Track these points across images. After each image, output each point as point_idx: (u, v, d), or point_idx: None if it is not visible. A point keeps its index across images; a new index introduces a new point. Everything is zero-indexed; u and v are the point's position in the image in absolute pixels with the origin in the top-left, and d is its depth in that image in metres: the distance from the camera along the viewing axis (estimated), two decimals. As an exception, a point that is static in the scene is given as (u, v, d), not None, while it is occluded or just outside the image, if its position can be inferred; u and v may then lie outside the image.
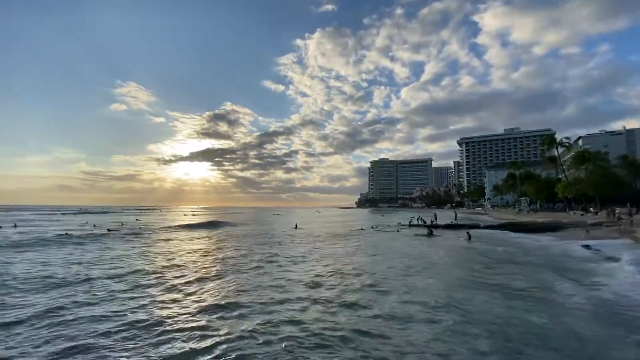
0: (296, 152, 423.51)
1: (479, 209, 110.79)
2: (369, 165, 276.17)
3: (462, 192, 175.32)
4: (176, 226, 40.36)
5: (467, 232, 25.63)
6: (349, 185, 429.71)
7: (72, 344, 6.45)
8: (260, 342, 6.42)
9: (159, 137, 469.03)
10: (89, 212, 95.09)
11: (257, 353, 5.97)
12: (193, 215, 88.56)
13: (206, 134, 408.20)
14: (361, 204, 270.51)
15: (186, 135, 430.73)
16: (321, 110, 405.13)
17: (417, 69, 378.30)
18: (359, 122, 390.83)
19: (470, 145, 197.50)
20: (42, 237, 26.44)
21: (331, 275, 12.80)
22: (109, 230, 34.26)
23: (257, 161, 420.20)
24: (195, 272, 13.59)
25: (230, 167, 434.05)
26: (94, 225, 41.34)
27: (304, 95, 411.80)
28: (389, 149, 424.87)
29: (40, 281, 11.79)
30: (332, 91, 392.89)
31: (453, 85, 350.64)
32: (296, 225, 41.39)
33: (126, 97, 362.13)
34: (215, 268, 14.43)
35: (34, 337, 6.83)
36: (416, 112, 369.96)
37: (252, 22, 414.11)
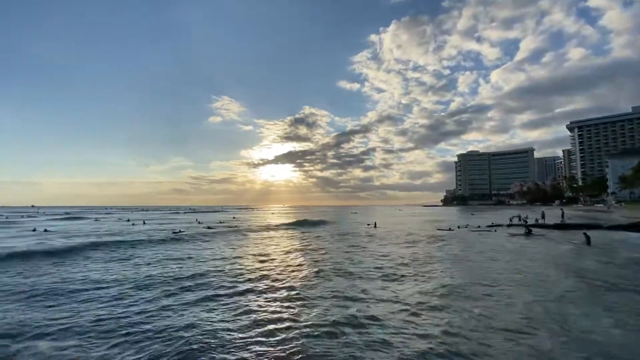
0: (373, 149, 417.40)
1: (600, 205, 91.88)
2: (455, 159, 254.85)
3: (575, 185, 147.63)
4: (273, 225, 42.76)
5: (585, 234, 21.19)
6: (433, 182, 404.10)
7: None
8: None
9: (249, 143, 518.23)
10: (196, 212, 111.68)
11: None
12: (279, 213, 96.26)
13: (288, 137, 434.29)
14: (448, 201, 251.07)
15: (271, 140, 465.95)
16: (398, 104, 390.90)
17: (509, 47, 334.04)
18: (442, 113, 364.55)
19: (585, 129, 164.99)
20: (166, 232, 31.77)
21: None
22: (208, 227, 39.30)
23: (335, 161, 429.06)
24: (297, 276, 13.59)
25: (311, 168, 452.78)
26: (198, 221, 47.94)
27: (379, 91, 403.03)
28: (479, 140, 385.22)
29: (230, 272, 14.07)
30: (410, 83, 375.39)
31: (558, 60, 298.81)
32: (375, 224, 40.71)
33: (220, 110, 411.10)
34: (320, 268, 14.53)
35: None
36: (510, 96, 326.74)
37: (326, 25, 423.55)
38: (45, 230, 35.31)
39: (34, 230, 35.79)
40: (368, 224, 42.20)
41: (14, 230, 37.08)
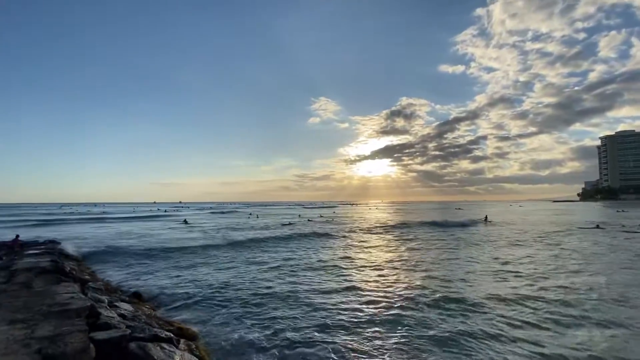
0: (484, 137, 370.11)
1: None
2: (597, 142, 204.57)
3: None
4: (371, 221, 43.79)
5: None
6: (565, 172, 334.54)
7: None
8: None
9: (345, 140, 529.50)
10: (303, 207, 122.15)
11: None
12: (377, 209, 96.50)
13: (384, 132, 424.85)
14: (588, 195, 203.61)
15: (367, 136, 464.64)
16: (515, 83, 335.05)
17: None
18: (576, 88, 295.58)
19: None
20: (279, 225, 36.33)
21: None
22: (307, 220, 42.63)
23: (437, 153, 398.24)
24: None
25: (410, 162, 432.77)
26: (299, 216, 52.46)
27: (489, 70, 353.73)
28: (634, 117, 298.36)
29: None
30: (529, 56, 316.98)
31: None
32: (486, 218, 36.99)
33: (319, 110, 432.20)
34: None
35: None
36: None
37: (421, 8, 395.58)
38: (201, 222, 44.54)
39: (185, 221, 45.60)
40: (486, 220, 38.60)
41: (233, 220, 47.86)
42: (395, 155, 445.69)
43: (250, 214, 64.60)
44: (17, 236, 18.56)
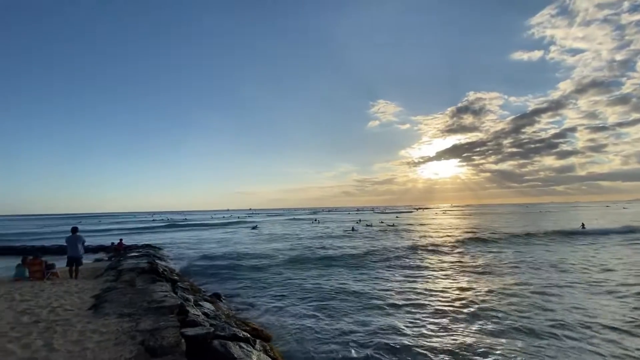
0: (572, 129, 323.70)
1: None
2: None
3: None
4: (449, 237, 28.57)
5: None
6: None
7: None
8: None
9: (407, 142, 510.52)
10: (364, 212, 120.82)
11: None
12: (446, 213, 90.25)
13: (450, 130, 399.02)
14: None
15: (431, 136, 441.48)
16: (610, 63, 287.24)
17: None
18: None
19: None
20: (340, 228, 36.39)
21: None
22: (365, 226, 41.62)
23: (514, 150, 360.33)
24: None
25: (482, 161, 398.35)
26: (358, 221, 51.68)
27: (575, 52, 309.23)
28: None
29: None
30: (627, 30, 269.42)
31: None
32: (582, 225, 31.80)
33: (377, 113, 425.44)
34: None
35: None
36: None
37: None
38: (255, 228, 47.23)
39: (254, 227, 48.52)
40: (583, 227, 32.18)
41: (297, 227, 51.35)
42: (465, 154, 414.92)
43: (316, 220, 66.01)
44: (121, 240, 21.80)
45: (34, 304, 6.57)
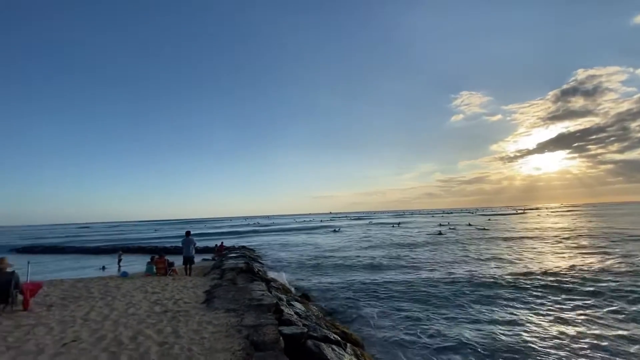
0: None
1: None
2: None
3: None
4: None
5: None
6: None
7: None
8: None
9: (499, 135, 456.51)
10: (449, 214, 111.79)
11: None
12: (558, 215, 76.79)
13: (554, 117, 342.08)
14: None
15: (529, 126, 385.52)
16: None
17: None
18: None
19: None
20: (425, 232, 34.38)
21: None
22: (448, 229, 37.89)
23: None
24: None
25: (600, 150, 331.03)
26: (443, 224, 47.55)
27: None
28: None
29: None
30: None
31: None
32: None
33: (460, 106, 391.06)
34: None
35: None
36: None
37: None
38: (335, 230, 47.91)
39: (335, 230, 49.40)
40: None
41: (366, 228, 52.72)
42: (576, 144, 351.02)
43: (399, 224, 63.82)
44: (222, 243, 24.62)
45: (162, 296, 7.86)
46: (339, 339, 6.65)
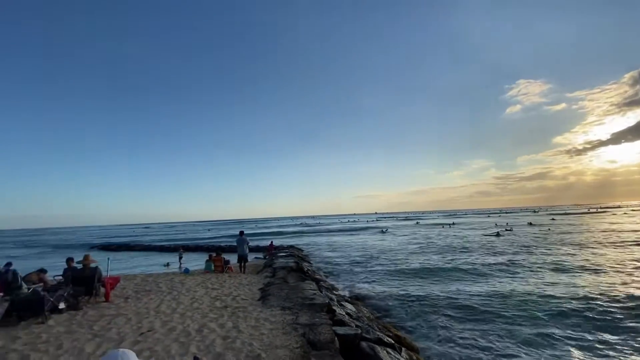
0: None
1: None
2: None
3: None
4: None
5: None
6: None
7: None
8: None
9: (563, 126, 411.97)
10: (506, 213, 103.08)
11: None
12: (626, 214, 66.63)
13: (632, 102, 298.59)
14: None
15: (600, 114, 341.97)
16: None
17: None
18: None
19: None
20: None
21: None
22: (504, 230, 34.64)
23: None
24: None
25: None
26: (500, 225, 43.75)
27: None
28: None
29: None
30: None
31: None
32: None
33: (517, 96, 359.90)
34: None
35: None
36: None
37: None
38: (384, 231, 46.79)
39: (383, 231, 48.41)
40: None
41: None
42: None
43: (452, 224, 60.60)
44: (271, 242, 25.48)
45: (221, 293, 8.34)
46: (393, 342, 6.48)
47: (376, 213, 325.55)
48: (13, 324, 5.82)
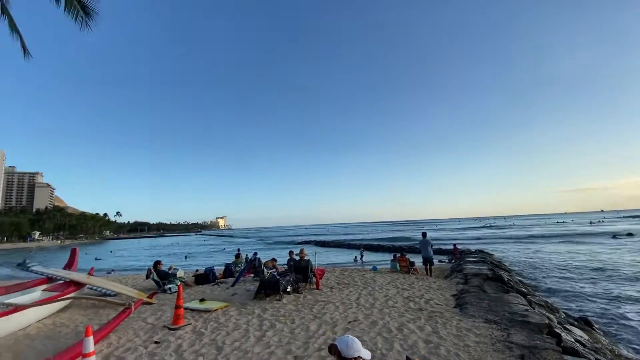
0: None
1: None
2: None
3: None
4: None
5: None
6: None
7: None
8: None
9: None
10: None
11: None
12: None
13: None
14: None
15: None
16: None
17: None
18: None
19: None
20: None
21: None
22: None
23: None
24: None
25: None
26: None
27: None
28: None
29: None
30: None
31: None
32: None
33: None
34: None
35: None
36: None
37: None
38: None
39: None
40: None
41: None
42: None
43: None
44: (455, 245, 23.50)
45: (412, 294, 8.34)
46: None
47: (602, 211, 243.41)
48: (262, 298, 7.93)
